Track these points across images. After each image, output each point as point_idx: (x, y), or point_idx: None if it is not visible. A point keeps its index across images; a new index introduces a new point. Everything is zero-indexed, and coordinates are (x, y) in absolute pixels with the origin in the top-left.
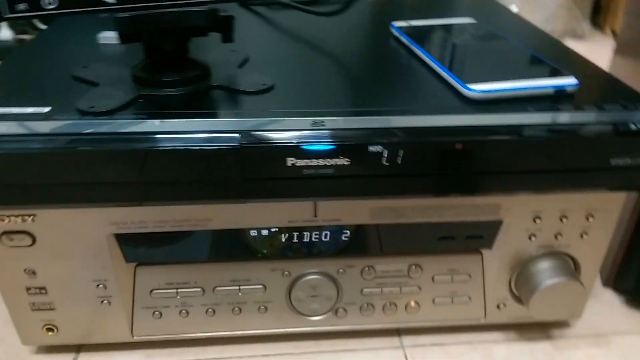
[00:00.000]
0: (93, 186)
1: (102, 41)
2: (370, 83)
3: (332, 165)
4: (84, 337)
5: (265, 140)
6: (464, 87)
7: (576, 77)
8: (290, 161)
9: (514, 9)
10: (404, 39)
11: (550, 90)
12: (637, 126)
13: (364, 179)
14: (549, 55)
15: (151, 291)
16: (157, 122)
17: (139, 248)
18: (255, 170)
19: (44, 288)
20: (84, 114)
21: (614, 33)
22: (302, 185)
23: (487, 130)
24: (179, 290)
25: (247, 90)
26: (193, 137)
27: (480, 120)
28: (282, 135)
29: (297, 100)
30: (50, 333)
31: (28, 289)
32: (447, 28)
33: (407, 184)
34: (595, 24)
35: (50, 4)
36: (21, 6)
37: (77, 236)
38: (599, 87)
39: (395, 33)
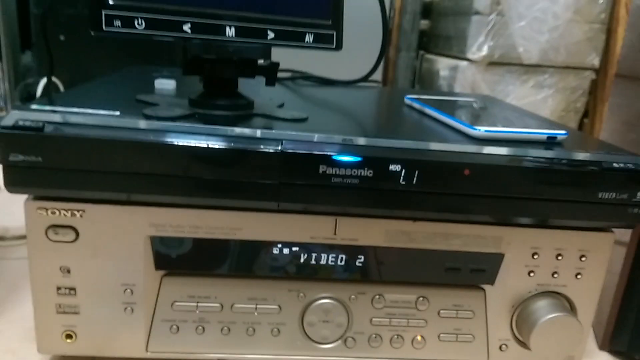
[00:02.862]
0: (147, 177)
1: (157, 86)
2: (389, 126)
3: (357, 175)
4: (99, 348)
5: (302, 149)
6: (469, 128)
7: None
8: (322, 169)
9: None
10: (416, 105)
11: (543, 137)
12: (619, 165)
13: (383, 193)
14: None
15: (173, 303)
16: (209, 126)
17: (170, 254)
18: (291, 174)
19: (73, 289)
20: (148, 118)
21: None
22: (329, 192)
23: (489, 157)
24: (199, 304)
25: (285, 117)
26: (240, 139)
27: (483, 149)
28: (316, 146)
29: (328, 128)
30: (68, 340)
31: (59, 288)
32: (453, 100)
33: (419, 200)
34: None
35: (140, 25)
36: (117, 22)
37: (117, 235)
38: (585, 141)
39: (409, 102)
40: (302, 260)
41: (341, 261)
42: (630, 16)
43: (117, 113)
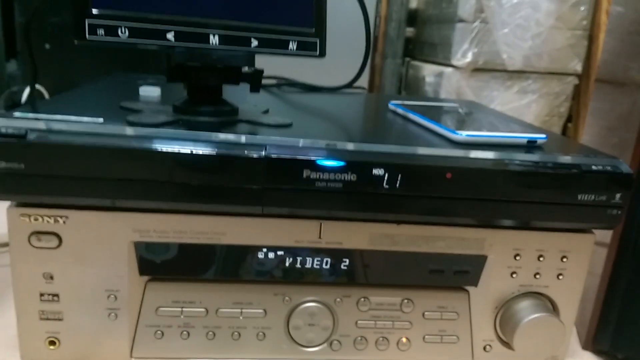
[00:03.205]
0: (130, 183)
1: (142, 93)
2: (373, 131)
3: (341, 179)
4: (83, 354)
5: (286, 154)
6: (452, 133)
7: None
8: (305, 173)
9: None
10: (400, 110)
11: (523, 141)
12: (597, 167)
13: (367, 197)
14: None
15: (157, 308)
16: (193, 132)
17: (154, 260)
18: (275, 179)
19: (57, 295)
20: (132, 124)
21: None
22: (314, 197)
23: (470, 160)
24: (184, 309)
25: (270, 124)
26: (224, 145)
27: (464, 154)
28: (299, 151)
29: (312, 134)
30: (52, 347)
31: (42, 294)
32: (437, 105)
33: (402, 204)
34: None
35: (123, 33)
36: (100, 31)
37: (101, 241)
38: (564, 144)
39: (392, 108)
40: (287, 264)
41: (326, 264)
42: (610, 22)
43: (101, 120)
